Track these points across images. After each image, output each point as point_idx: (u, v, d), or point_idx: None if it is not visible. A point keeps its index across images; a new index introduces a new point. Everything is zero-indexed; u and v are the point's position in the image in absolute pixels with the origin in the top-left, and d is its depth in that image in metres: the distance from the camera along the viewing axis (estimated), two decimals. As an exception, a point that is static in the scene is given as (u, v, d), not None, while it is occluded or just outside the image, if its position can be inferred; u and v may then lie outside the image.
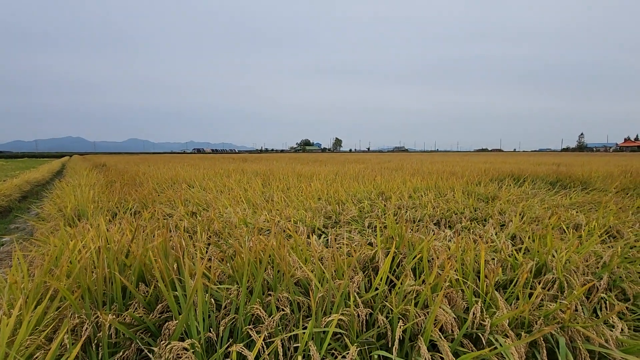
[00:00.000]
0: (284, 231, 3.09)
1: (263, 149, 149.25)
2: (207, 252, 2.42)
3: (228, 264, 1.81)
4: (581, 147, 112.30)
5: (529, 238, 2.68)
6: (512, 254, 2.29)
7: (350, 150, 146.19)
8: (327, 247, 2.79)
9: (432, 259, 2.07)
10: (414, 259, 1.97)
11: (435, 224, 3.71)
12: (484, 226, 3.45)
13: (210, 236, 2.84)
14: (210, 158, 25.39)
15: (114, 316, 1.31)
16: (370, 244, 2.87)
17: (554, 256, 2.03)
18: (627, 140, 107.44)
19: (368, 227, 3.49)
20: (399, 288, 1.55)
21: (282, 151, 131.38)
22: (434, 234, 3.26)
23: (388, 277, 1.79)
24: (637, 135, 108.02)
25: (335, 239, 3.12)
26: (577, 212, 4.00)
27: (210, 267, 1.73)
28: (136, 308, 1.42)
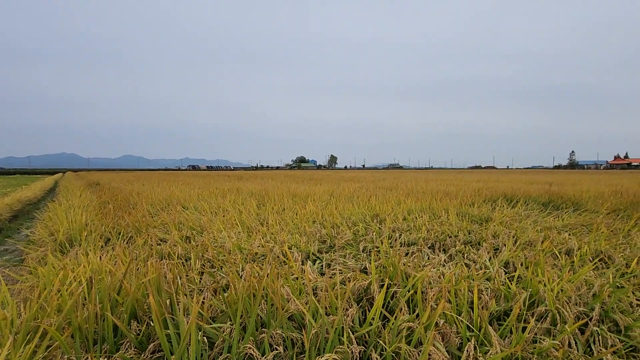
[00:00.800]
0: (279, 257, 3.08)
1: (259, 165, 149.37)
2: (200, 280, 2.40)
3: (221, 297, 1.80)
4: (573, 165, 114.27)
5: (522, 265, 2.70)
6: (505, 282, 2.30)
7: (346, 167, 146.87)
8: (321, 275, 2.79)
9: (426, 289, 2.08)
10: (408, 291, 1.97)
11: (429, 248, 3.72)
12: (478, 250, 3.46)
13: (204, 263, 2.82)
14: (205, 175, 25.35)
15: (105, 358, 1.29)
16: (365, 270, 2.87)
17: (546, 285, 2.04)
18: (617, 157, 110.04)
19: (363, 251, 3.49)
20: (392, 324, 1.55)
21: (277, 168, 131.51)
22: (428, 259, 3.28)
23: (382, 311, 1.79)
24: (626, 153, 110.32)
25: (330, 264, 3.12)
26: (569, 234, 4.04)
27: (203, 301, 1.72)
28: (127, 348, 1.40)
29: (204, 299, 1.75)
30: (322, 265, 3.07)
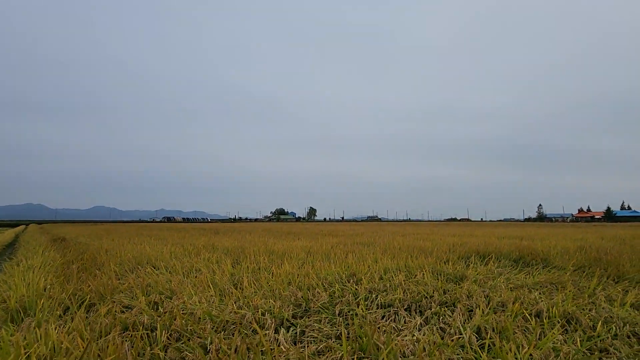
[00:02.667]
0: (252, 323, 2.97)
1: (237, 217, 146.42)
2: (165, 355, 2.27)
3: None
4: (541, 218, 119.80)
5: (493, 330, 2.73)
6: (476, 351, 2.31)
7: (325, 220, 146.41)
8: (295, 344, 2.69)
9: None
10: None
11: (406, 309, 3.69)
12: (453, 313, 3.47)
13: (171, 334, 2.67)
14: (180, 229, 24.54)
15: None
16: (340, 336, 2.80)
17: (516, 355, 2.07)
18: (580, 211, 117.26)
19: (339, 315, 3.43)
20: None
21: (256, 220, 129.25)
22: (405, 322, 3.25)
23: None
24: (588, 207, 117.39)
25: (305, 330, 3.03)
26: (539, 293, 4.14)
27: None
28: None
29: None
30: (296, 332, 2.98)
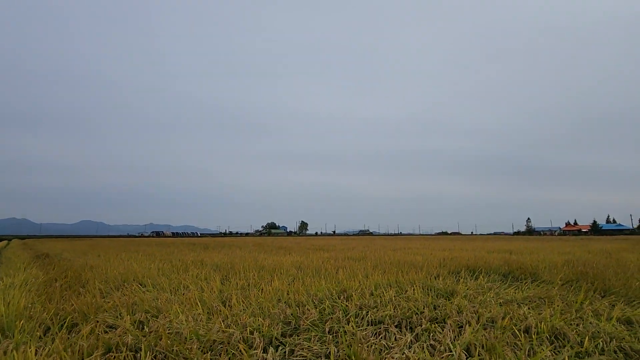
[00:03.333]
0: (239, 343, 2.91)
1: (227, 232, 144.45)
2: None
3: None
4: (530, 231, 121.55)
5: (483, 347, 2.73)
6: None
7: (317, 234, 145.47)
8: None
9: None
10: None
11: (396, 326, 3.67)
12: (443, 329, 3.46)
13: (156, 354, 2.60)
14: (169, 244, 24.07)
15: None
16: (329, 355, 2.76)
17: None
18: (567, 224, 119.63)
19: (329, 333, 3.38)
20: None
21: (247, 234, 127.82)
22: (395, 339, 3.22)
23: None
24: (575, 220, 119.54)
25: (294, 350, 2.98)
26: (528, 308, 4.16)
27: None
28: None
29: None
30: (285, 352, 2.93)
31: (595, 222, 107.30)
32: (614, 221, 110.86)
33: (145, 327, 3.26)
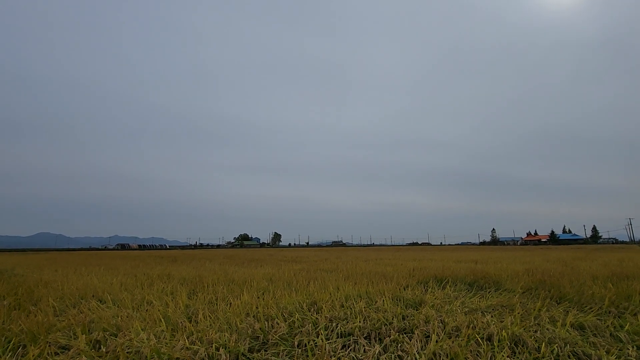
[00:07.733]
0: (204, 360, 2.81)
1: (198, 244, 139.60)
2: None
3: None
4: (495, 241, 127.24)
5: (447, 356, 2.80)
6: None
7: (290, 245, 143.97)
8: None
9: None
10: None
11: (365, 338, 3.68)
12: (411, 339, 3.51)
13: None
14: (135, 256, 22.94)
15: None
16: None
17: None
18: (529, 234, 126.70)
19: (298, 347, 3.34)
20: None
21: (218, 246, 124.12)
22: (364, 351, 3.23)
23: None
24: (535, 230, 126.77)
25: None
26: (491, 316, 4.32)
27: None
28: None
29: None
30: (252, 368, 2.86)
31: (553, 232, 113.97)
32: (569, 231, 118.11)
33: (102, 346, 3.08)
